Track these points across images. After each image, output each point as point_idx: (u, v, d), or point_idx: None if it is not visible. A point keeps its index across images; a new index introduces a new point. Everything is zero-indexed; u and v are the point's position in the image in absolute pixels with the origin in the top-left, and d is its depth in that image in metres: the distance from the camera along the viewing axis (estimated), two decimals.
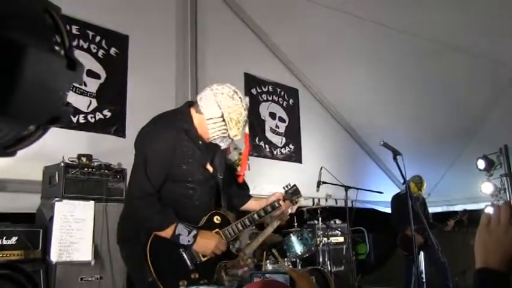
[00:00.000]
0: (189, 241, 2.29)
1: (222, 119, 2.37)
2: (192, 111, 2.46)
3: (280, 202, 2.65)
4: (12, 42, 0.54)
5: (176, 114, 2.50)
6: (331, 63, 7.28)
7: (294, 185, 2.75)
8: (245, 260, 3.79)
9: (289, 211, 3.97)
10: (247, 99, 2.51)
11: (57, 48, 0.62)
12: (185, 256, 2.34)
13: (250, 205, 2.77)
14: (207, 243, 2.35)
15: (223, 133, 2.40)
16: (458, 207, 6.40)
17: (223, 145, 2.49)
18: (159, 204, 2.30)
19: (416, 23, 5.94)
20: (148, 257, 2.25)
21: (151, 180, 2.28)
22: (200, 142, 2.44)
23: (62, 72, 0.62)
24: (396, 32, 6.18)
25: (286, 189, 2.72)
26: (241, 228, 2.53)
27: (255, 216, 2.59)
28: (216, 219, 2.50)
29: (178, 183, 2.39)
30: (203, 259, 2.38)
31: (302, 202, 4.12)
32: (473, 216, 6.20)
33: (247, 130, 2.57)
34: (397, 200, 6.20)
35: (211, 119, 2.37)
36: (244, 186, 4.06)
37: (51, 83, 0.60)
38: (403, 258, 6.06)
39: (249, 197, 2.86)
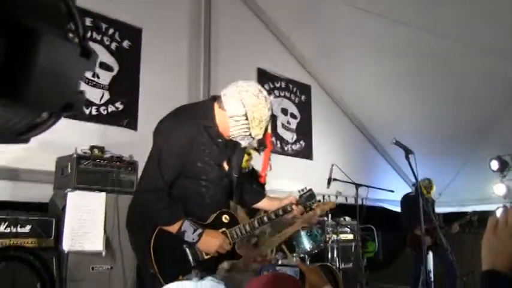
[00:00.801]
0: (193, 239, 2.28)
1: (245, 117, 2.31)
2: (216, 106, 2.39)
3: (293, 206, 2.61)
4: (27, 28, 0.55)
5: (198, 109, 2.45)
6: (345, 60, 7.24)
7: (310, 189, 2.68)
8: (264, 255, 3.78)
9: (319, 213, 3.90)
10: (271, 98, 2.42)
11: (71, 35, 0.62)
12: (188, 252, 2.34)
13: (263, 204, 2.73)
14: (211, 242, 2.33)
15: (245, 132, 2.34)
16: (470, 208, 6.35)
17: (243, 143, 2.44)
18: (168, 199, 2.29)
19: (433, 20, 5.87)
20: (151, 249, 2.25)
21: (164, 176, 2.26)
22: (219, 140, 2.40)
23: (76, 60, 0.62)
24: (412, 29, 6.11)
25: (301, 193, 2.66)
26: (248, 229, 2.49)
27: (265, 218, 2.56)
28: (225, 218, 2.48)
29: (192, 180, 2.37)
30: (206, 257, 2.37)
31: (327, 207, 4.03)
32: (484, 217, 6.15)
33: (269, 130, 2.47)
34: (407, 200, 6.18)
35: (233, 116, 2.32)
36: (261, 186, 4.05)
37: (64, 70, 0.60)
38: (411, 258, 6.04)
39: (263, 195, 2.83)
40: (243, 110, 2.30)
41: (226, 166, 2.50)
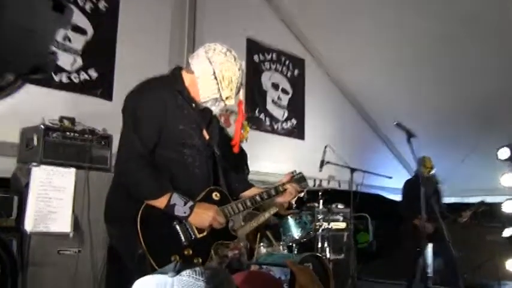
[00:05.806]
0: (185, 212, 2.26)
1: (213, 76, 2.38)
2: (183, 72, 2.48)
3: (286, 186, 2.72)
4: None
5: (166, 76, 2.52)
6: (344, 34, 7.15)
7: (300, 173, 2.84)
8: (237, 241, 3.81)
9: (290, 200, 4.02)
10: (243, 62, 2.50)
11: None
12: (179, 230, 2.33)
13: (251, 193, 2.75)
14: (204, 214, 2.32)
15: (215, 93, 2.40)
16: (473, 199, 6.38)
17: (215, 109, 2.49)
18: (152, 169, 2.27)
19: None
20: (139, 227, 2.21)
21: (143, 139, 2.26)
22: (194, 104, 2.44)
23: (48, 14, 0.59)
24: (420, 8, 6.07)
25: (292, 175, 2.82)
26: (241, 208, 2.53)
27: (257, 198, 2.62)
28: (215, 195, 2.48)
29: (174, 147, 2.36)
30: (199, 236, 2.35)
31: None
32: (490, 210, 6.20)
33: (241, 97, 2.59)
34: (408, 184, 6.19)
35: (201, 76, 2.40)
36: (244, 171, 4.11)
37: (35, 25, 0.58)
38: (408, 250, 6.09)
39: (251, 185, 2.86)
40: (210, 68, 2.39)
41: (206, 135, 2.51)
